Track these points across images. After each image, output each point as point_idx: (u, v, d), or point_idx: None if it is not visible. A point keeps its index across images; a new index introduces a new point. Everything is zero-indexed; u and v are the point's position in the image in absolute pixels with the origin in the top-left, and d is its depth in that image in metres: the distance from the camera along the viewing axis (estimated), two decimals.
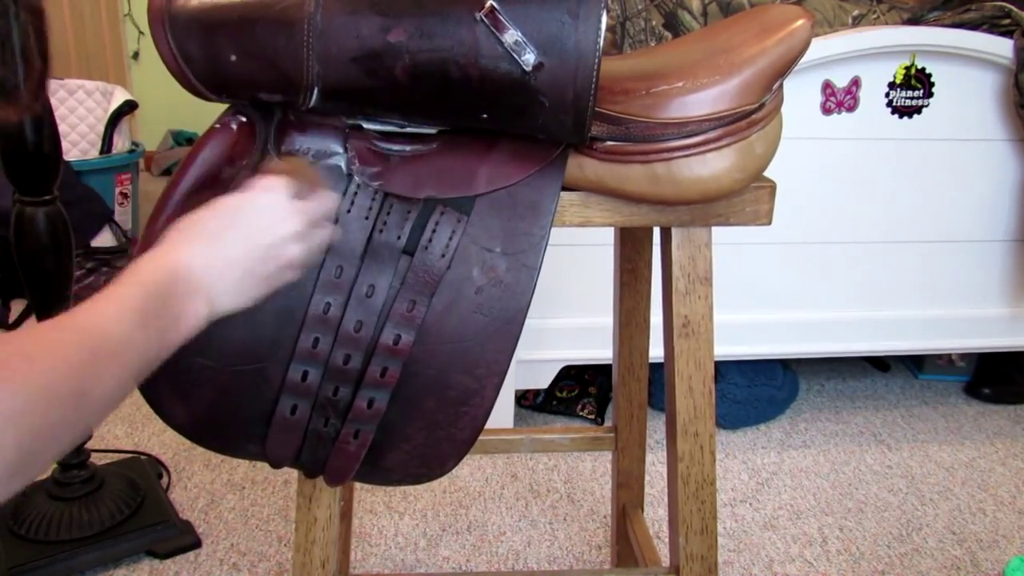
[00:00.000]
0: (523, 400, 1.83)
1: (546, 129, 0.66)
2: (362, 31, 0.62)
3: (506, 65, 0.62)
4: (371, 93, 0.65)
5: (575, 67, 0.62)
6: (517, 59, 0.61)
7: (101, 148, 2.55)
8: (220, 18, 0.63)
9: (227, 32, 0.63)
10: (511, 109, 0.64)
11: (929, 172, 1.62)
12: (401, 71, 0.62)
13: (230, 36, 0.63)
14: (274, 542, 1.36)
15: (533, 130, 0.66)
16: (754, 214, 0.75)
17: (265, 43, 0.62)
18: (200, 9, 0.64)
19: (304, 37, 0.62)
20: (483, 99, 0.64)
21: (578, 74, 0.62)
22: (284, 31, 0.62)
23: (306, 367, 0.67)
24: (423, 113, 0.67)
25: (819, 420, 1.81)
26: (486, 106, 0.64)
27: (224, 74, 0.64)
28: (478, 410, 0.69)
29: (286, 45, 0.62)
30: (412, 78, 0.63)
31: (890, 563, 1.36)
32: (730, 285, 1.64)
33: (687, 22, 1.78)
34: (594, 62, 0.62)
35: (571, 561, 1.35)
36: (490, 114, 0.65)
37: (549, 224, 0.68)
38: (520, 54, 0.61)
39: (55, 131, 1.18)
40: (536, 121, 0.65)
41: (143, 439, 1.65)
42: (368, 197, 0.67)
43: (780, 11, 0.71)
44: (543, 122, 0.65)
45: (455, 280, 0.67)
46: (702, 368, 0.79)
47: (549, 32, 0.61)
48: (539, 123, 0.65)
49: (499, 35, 0.60)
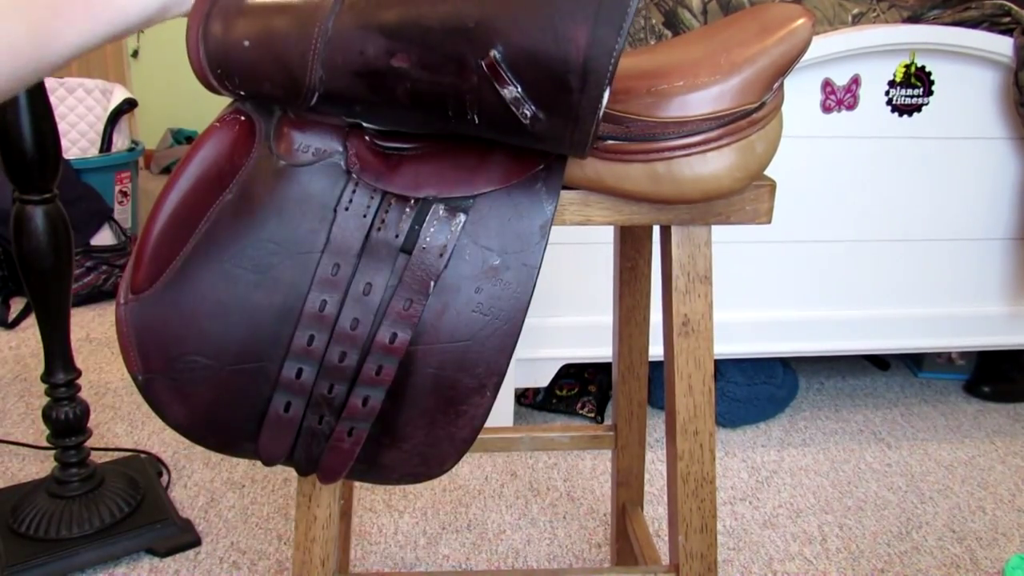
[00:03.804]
0: (523, 398, 1.83)
1: (545, 148, 0.67)
2: (367, 49, 0.62)
3: (504, 113, 0.62)
4: (371, 105, 0.65)
5: (573, 128, 0.62)
6: (515, 112, 0.61)
7: (101, 146, 2.55)
8: (251, 5, 0.63)
9: (249, 16, 0.63)
10: (510, 137, 0.65)
11: (929, 170, 1.62)
12: (402, 93, 0.63)
13: (250, 20, 0.63)
14: (274, 540, 1.36)
15: (532, 146, 0.67)
16: (754, 213, 0.75)
17: (278, 37, 0.62)
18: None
19: (313, 40, 0.62)
20: (481, 128, 0.64)
21: (576, 133, 0.63)
22: (297, 29, 0.62)
23: (300, 364, 0.67)
24: (422, 128, 0.67)
25: (819, 418, 1.81)
26: (485, 131, 0.64)
27: (234, 57, 0.64)
28: (478, 409, 0.69)
29: (296, 44, 0.62)
30: (412, 100, 0.63)
31: (889, 561, 1.36)
32: (730, 284, 1.64)
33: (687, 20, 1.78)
34: (592, 127, 0.62)
35: (571, 559, 1.35)
36: (489, 135, 0.65)
37: (549, 223, 0.68)
38: (518, 108, 0.61)
39: (54, 129, 1.18)
40: (535, 145, 0.66)
41: (143, 437, 1.65)
42: (366, 195, 0.67)
43: (780, 10, 0.71)
44: (542, 147, 0.66)
45: (454, 279, 0.67)
46: (702, 367, 0.79)
47: (551, 93, 0.60)
48: (538, 148, 0.66)
49: (499, 88, 0.60)
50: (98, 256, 2.37)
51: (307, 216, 0.67)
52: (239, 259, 0.66)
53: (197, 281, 0.65)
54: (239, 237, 0.66)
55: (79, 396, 1.30)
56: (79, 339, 2.11)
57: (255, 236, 0.66)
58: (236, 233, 0.66)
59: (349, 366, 0.67)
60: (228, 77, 0.65)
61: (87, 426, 1.32)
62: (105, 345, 2.08)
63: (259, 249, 0.66)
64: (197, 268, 0.65)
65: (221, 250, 0.66)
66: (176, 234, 0.66)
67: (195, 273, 0.65)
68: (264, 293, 0.66)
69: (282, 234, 0.66)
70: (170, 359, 0.66)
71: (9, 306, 2.23)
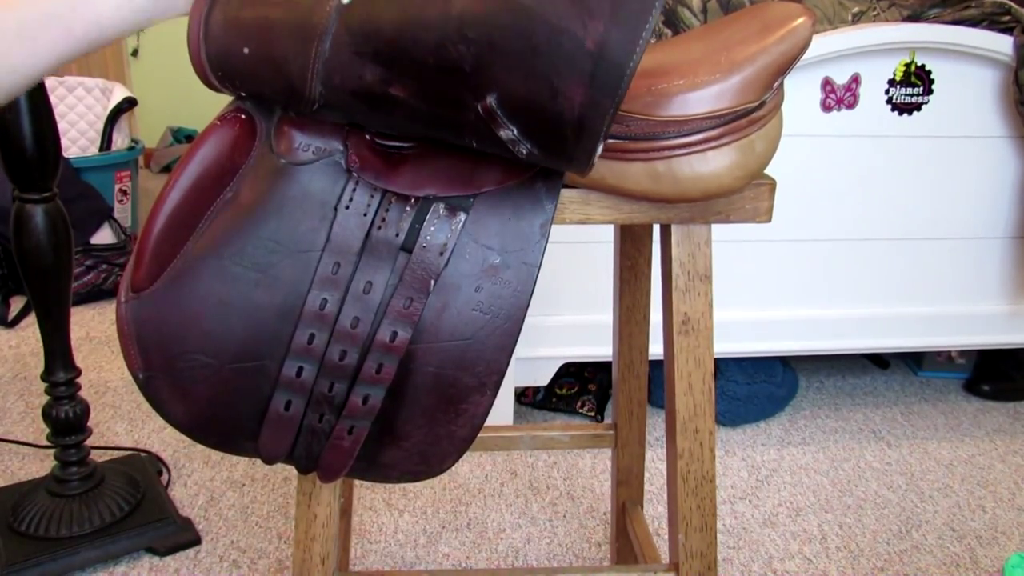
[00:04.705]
0: (523, 397, 1.83)
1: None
2: (365, 75, 0.62)
3: (500, 145, 0.62)
4: (371, 117, 0.65)
5: (569, 164, 0.63)
6: (511, 150, 0.62)
7: (100, 145, 2.55)
8: (249, 8, 0.63)
9: (248, 23, 0.63)
10: (507, 156, 0.66)
11: (929, 169, 1.62)
12: (400, 115, 0.63)
13: (249, 28, 0.63)
14: (274, 539, 1.36)
15: None
16: (754, 211, 0.75)
17: (277, 51, 0.62)
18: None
19: (311, 60, 0.62)
20: (479, 148, 0.65)
21: (573, 167, 0.63)
22: (295, 45, 0.62)
23: (301, 363, 0.67)
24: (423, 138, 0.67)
25: (819, 417, 1.82)
26: (482, 149, 0.65)
27: (234, 64, 0.64)
28: (478, 408, 0.69)
29: (295, 59, 0.62)
30: (411, 121, 0.63)
31: (889, 560, 1.36)
32: (730, 282, 1.64)
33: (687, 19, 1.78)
34: (588, 164, 0.62)
35: (570, 558, 1.35)
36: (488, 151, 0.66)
37: (549, 222, 0.68)
38: (515, 147, 0.62)
39: (54, 128, 1.18)
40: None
41: (143, 436, 1.65)
42: (367, 193, 0.67)
43: (781, 8, 0.71)
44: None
45: (454, 278, 0.67)
46: (702, 365, 0.79)
47: (547, 138, 0.61)
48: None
49: (494, 130, 0.60)
50: (98, 255, 2.37)
51: (307, 215, 0.67)
52: (239, 258, 0.66)
53: (198, 280, 0.65)
54: (239, 236, 0.66)
55: (79, 395, 1.30)
56: (79, 338, 2.11)
57: (255, 235, 0.66)
58: (236, 232, 0.66)
59: (349, 364, 0.67)
60: (229, 80, 0.65)
61: (87, 425, 1.32)
62: (105, 344, 2.08)
63: (259, 248, 0.66)
64: (198, 267, 0.66)
65: (221, 249, 0.66)
66: (177, 233, 0.66)
67: (196, 272, 0.65)
68: (264, 292, 0.66)
69: (282, 233, 0.66)
70: (171, 357, 0.66)
71: (9, 305, 2.23)
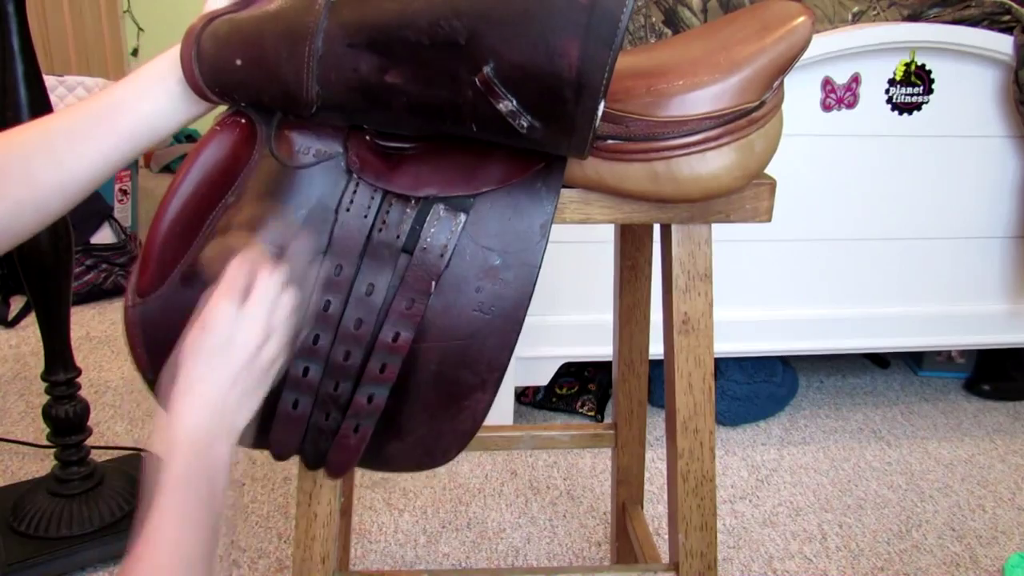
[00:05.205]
0: (523, 397, 1.83)
1: (544, 151, 0.67)
2: (360, 66, 0.62)
3: (501, 123, 0.62)
4: (370, 114, 0.65)
5: (571, 135, 0.62)
6: (511, 123, 0.61)
7: None
8: (236, 21, 0.63)
9: (237, 36, 0.63)
10: (510, 142, 0.65)
11: (929, 169, 1.62)
12: (398, 106, 0.63)
13: (238, 41, 0.63)
14: (274, 538, 1.36)
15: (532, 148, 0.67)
16: (754, 211, 0.75)
17: (269, 56, 0.63)
18: (224, 12, 0.65)
19: (305, 60, 0.62)
20: (480, 134, 0.64)
21: (574, 139, 0.63)
22: (287, 47, 0.62)
23: (307, 363, 0.68)
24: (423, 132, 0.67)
25: (819, 417, 1.82)
26: (484, 136, 0.65)
27: (227, 77, 0.64)
28: (479, 404, 0.70)
29: (288, 62, 0.62)
30: (410, 110, 0.63)
31: (889, 559, 1.36)
32: (730, 282, 1.64)
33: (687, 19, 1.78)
34: (589, 133, 0.62)
35: (571, 558, 1.35)
36: (488, 139, 0.65)
37: (549, 222, 0.68)
38: (515, 120, 0.61)
39: None
40: (535, 148, 0.66)
41: (143, 436, 1.65)
42: (367, 195, 0.67)
43: (780, 8, 0.71)
44: (542, 149, 0.66)
45: (455, 278, 0.67)
46: (702, 365, 0.79)
47: (546, 105, 0.60)
48: (537, 150, 0.67)
49: (493, 103, 0.60)
50: (98, 254, 2.37)
51: (309, 218, 0.67)
52: None
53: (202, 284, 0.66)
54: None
55: (79, 394, 1.30)
56: (79, 337, 2.11)
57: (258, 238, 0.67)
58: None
59: (354, 364, 0.68)
60: (226, 93, 0.65)
61: (87, 424, 1.32)
62: (105, 343, 2.09)
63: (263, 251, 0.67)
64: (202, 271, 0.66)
65: None
66: (180, 238, 0.67)
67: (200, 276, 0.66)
68: None
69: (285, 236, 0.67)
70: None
71: (9, 304, 2.23)
